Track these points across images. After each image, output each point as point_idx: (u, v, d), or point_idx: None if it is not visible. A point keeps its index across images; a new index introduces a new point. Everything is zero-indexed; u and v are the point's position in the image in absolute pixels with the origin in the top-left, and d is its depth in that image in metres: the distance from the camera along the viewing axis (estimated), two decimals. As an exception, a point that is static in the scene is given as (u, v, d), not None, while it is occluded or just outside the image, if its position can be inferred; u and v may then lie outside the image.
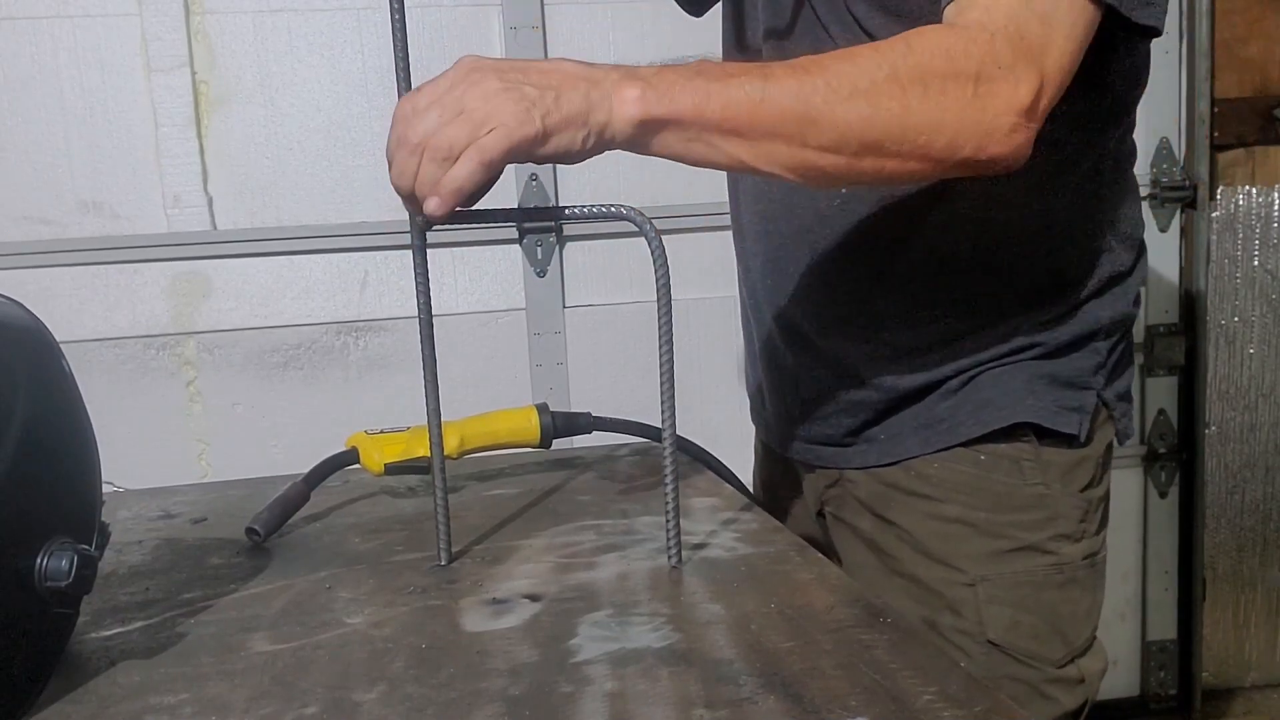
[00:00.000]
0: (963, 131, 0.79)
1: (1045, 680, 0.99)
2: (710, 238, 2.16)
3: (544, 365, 2.16)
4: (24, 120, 1.96)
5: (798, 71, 0.78)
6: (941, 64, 0.78)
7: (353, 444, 1.09)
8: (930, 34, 0.80)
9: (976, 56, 0.78)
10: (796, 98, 0.77)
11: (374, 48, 2.04)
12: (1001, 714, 0.59)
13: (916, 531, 1.02)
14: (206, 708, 0.64)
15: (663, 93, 0.75)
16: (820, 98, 0.77)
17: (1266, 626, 2.55)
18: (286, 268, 2.06)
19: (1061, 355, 1.00)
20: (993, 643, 0.98)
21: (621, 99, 0.75)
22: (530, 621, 0.76)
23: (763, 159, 0.79)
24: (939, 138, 0.79)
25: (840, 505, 1.09)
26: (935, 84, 0.78)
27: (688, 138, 0.77)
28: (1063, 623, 1.00)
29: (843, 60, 0.79)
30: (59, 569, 0.64)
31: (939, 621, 1.00)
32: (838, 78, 0.77)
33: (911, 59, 0.78)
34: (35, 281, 1.96)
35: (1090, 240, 0.99)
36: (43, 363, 0.69)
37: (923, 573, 1.01)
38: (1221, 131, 2.35)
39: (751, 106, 0.76)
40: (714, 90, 0.76)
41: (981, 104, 0.78)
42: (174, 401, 2.06)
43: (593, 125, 0.75)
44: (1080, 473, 1.01)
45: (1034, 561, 0.99)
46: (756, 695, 0.62)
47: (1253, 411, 2.47)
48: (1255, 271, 2.43)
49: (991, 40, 0.79)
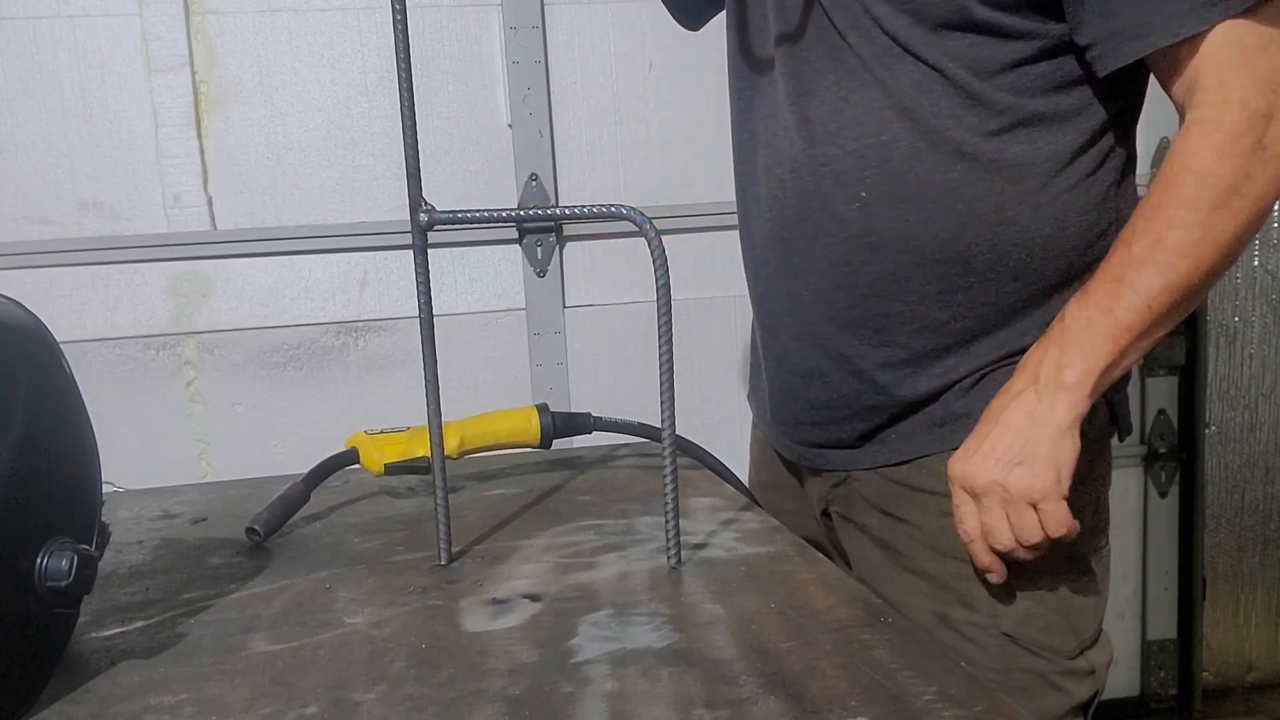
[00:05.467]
0: (1271, 182, 0.87)
1: (1057, 672, 1.00)
2: (710, 238, 2.16)
3: (544, 365, 2.16)
4: (24, 120, 1.96)
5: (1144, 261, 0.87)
6: (1230, 167, 0.85)
7: (353, 444, 1.09)
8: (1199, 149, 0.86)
9: (1245, 133, 0.85)
10: (1166, 286, 0.87)
11: (374, 48, 2.04)
12: (1001, 714, 0.59)
13: (927, 528, 1.02)
14: (207, 707, 0.64)
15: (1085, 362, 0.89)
16: (1181, 269, 0.87)
17: (1266, 626, 2.55)
18: (286, 268, 2.06)
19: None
20: (1006, 634, 0.99)
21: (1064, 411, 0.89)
22: (530, 621, 0.76)
23: (1176, 320, 0.91)
24: (1266, 201, 0.88)
25: (847, 504, 1.09)
26: (1240, 182, 0.85)
27: (1119, 371, 0.91)
28: (1074, 614, 1.00)
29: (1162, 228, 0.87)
30: (59, 569, 0.64)
31: (951, 615, 1.00)
32: (1178, 244, 0.86)
33: (1209, 186, 0.86)
34: (36, 282, 1.96)
35: (1101, 240, 0.99)
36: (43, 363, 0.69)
37: (934, 568, 1.01)
38: (1221, 131, 2.35)
39: (1143, 317, 0.88)
40: (1112, 333, 0.88)
41: (1268, 154, 0.85)
42: (174, 401, 2.06)
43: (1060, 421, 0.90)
44: (1085, 467, 1.01)
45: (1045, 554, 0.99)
46: (756, 695, 0.62)
47: (1253, 411, 2.47)
48: (1255, 271, 2.43)
49: (1244, 106, 0.85)
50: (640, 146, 2.16)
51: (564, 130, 2.12)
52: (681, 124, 2.16)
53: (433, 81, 2.06)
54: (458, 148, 2.10)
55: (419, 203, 0.83)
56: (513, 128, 2.10)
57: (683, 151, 2.17)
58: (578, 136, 2.13)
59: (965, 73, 0.93)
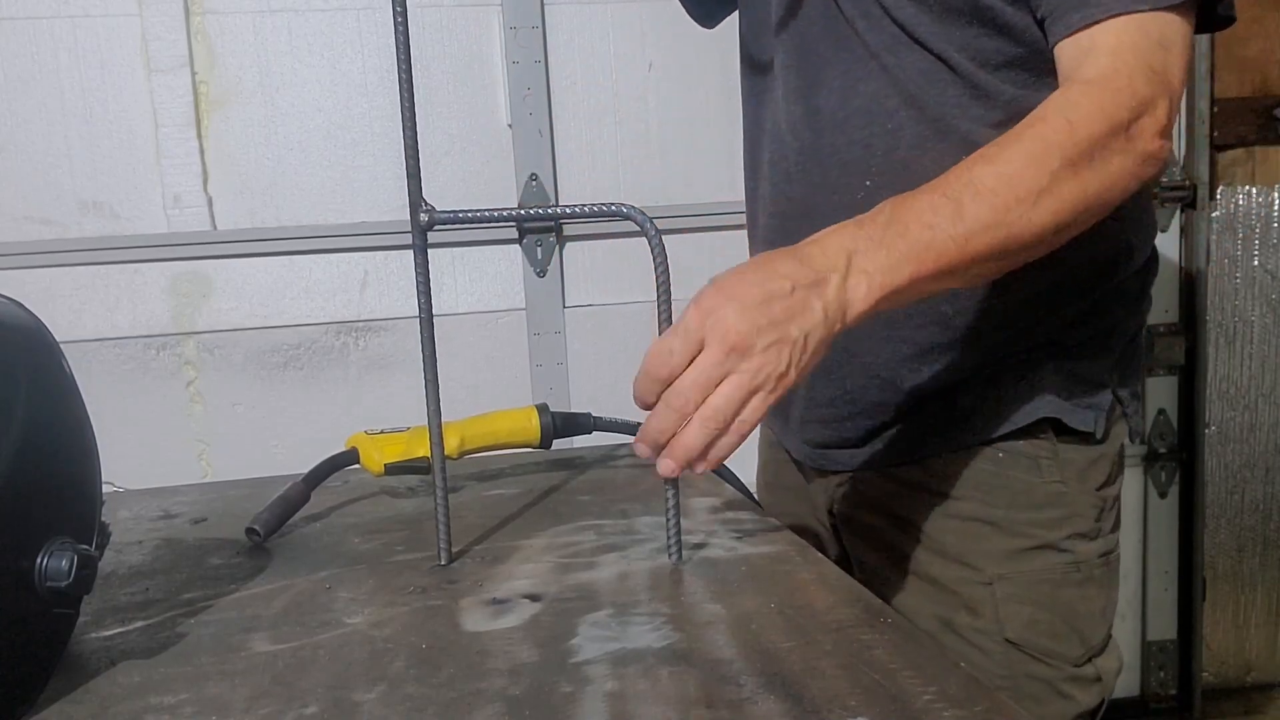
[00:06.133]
0: (1125, 174, 0.84)
1: (1064, 679, 0.99)
2: (710, 238, 2.16)
3: (544, 365, 2.16)
4: (24, 120, 1.96)
5: (982, 193, 0.80)
6: (1101, 128, 0.82)
7: (353, 444, 1.09)
8: (1081, 100, 0.83)
9: (1125, 106, 0.82)
10: (994, 225, 0.80)
11: (374, 48, 2.05)
12: (1001, 714, 0.59)
13: (932, 530, 1.01)
14: (207, 707, 0.65)
15: (883, 274, 0.78)
16: (1014, 215, 0.80)
17: (1266, 626, 2.55)
18: (286, 268, 2.06)
19: (1080, 352, 1.01)
20: (1011, 641, 0.98)
21: (852, 301, 0.77)
22: (530, 621, 0.76)
23: (974, 279, 0.86)
24: (1114, 192, 0.84)
25: (852, 505, 1.09)
26: (1100, 151, 0.82)
27: (907, 298, 0.81)
28: (1080, 621, 1.00)
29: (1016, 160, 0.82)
30: (59, 569, 0.64)
31: (955, 620, 1.00)
32: (1020, 185, 0.80)
33: (1076, 136, 0.81)
34: (36, 282, 1.96)
35: (1113, 238, 0.99)
36: (43, 363, 0.69)
37: (938, 572, 1.01)
38: (1221, 131, 2.36)
39: (958, 250, 0.79)
40: (921, 251, 0.79)
41: (1134, 144, 0.83)
42: (174, 402, 2.06)
43: (832, 328, 0.77)
44: (1096, 470, 1.01)
45: (1051, 560, 0.99)
46: (756, 695, 0.62)
47: (1252, 411, 2.47)
48: (1255, 271, 2.43)
49: (1131, 83, 0.83)
50: (640, 146, 2.16)
51: (564, 130, 2.12)
52: (681, 124, 2.16)
53: (433, 81, 2.06)
54: (458, 148, 2.10)
55: (419, 203, 0.83)
56: (513, 128, 2.10)
57: (683, 151, 2.17)
58: (578, 136, 2.13)
59: (971, 64, 0.93)
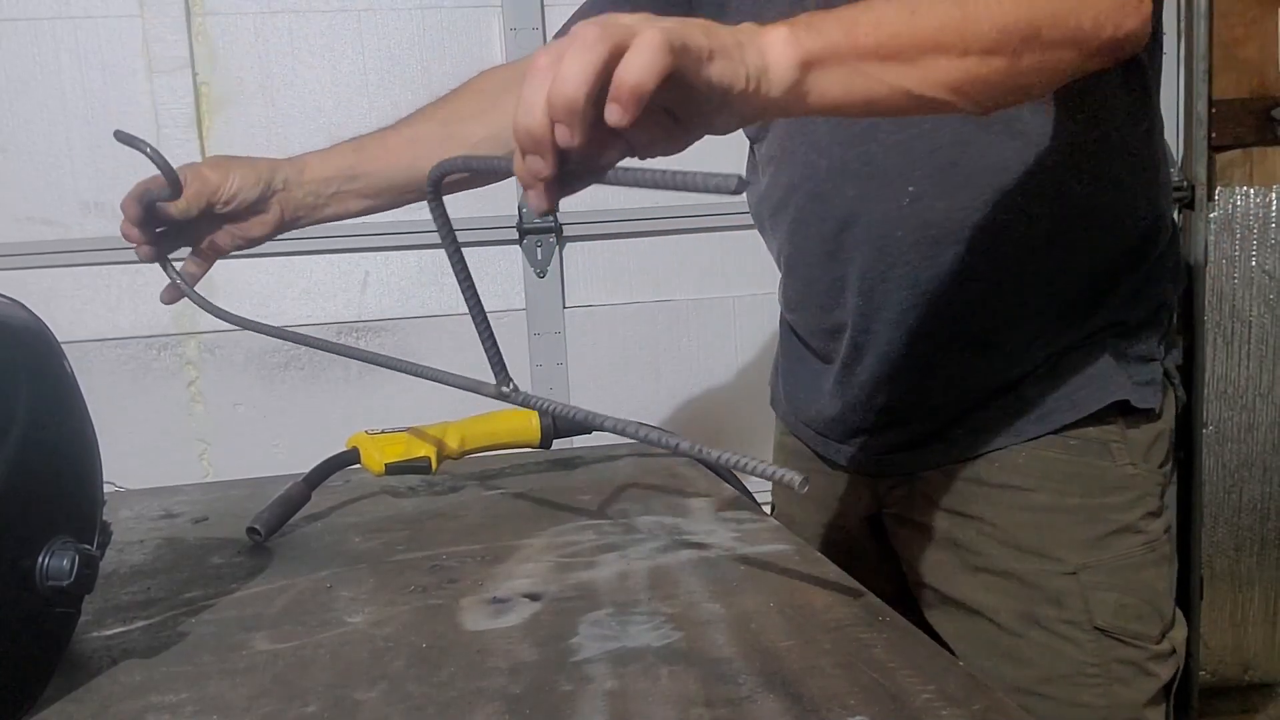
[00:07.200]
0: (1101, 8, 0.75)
1: (1148, 658, 0.99)
2: (710, 238, 2.16)
3: (544, 365, 2.16)
4: (26, 121, 1.96)
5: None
6: None
7: (353, 444, 1.10)
8: None
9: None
10: (941, 32, 0.70)
11: (374, 49, 2.05)
12: (1001, 712, 0.59)
13: (1004, 524, 0.99)
14: (208, 706, 0.65)
15: (809, 28, 0.68)
16: (962, 25, 0.70)
17: (1264, 625, 2.55)
18: (287, 268, 2.06)
19: (1136, 331, 1.00)
20: (1100, 629, 0.97)
21: (771, 41, 0.66)
22: (530, 620, 0.76)
23: (929, 82, 0.71)
24: (1085, 16, 0.74)
25: (908, 506, 1.07)
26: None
27: (847, 73, 0.68)
28: (1158, 599, 1.00)
29: None
30: (60, 568, 0.65)
31: (1039, 614, 0.98)
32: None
33: None
34: (37, 282, 1.97)
35: (1152, 208, 0.98)
36: (44, 363, 0.69)
37: (1015, 566, 0.99)
38: (1219, 132, 2.36)
39: (906, 19, 0.69)
40: (860, 15, 0.69)
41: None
42: (175, 401, 2.06)
43: (750, 66, 0.65)
44: (1158, 448, 1.02)
45: (1130, 542, 0.98)
46: (756, 694, 0.62)
47: (1250, 411, 2.47)
48: (1253, 272, 2.43)
49: None
50: (640, 147, 2.16)
51: (564, 131, 2.12)
52: (681, 125, 2.16)
53: (433, 82, 2.06)
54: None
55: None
56: (513, 128, 2.10)
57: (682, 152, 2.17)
58: (578, 137, 2.13)
59: None
